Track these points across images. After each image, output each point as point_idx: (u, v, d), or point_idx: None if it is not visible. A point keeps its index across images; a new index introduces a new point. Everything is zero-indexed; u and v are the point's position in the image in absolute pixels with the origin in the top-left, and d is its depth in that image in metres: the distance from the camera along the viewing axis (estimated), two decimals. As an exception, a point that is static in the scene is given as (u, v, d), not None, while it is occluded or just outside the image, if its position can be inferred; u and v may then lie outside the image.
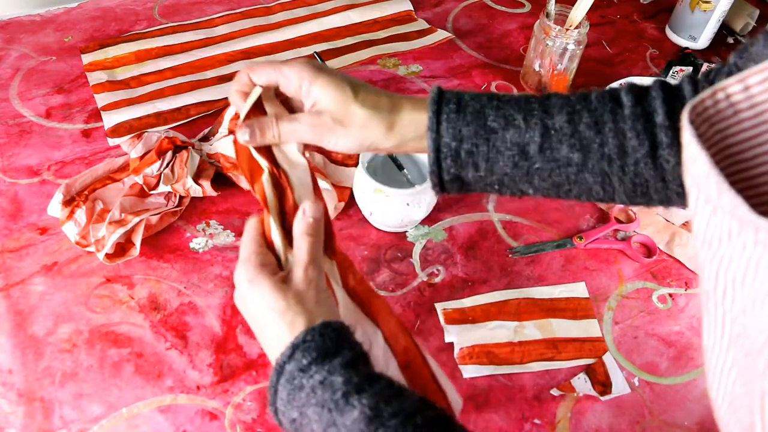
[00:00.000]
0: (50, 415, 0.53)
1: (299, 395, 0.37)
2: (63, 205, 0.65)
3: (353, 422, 0.35)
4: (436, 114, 0.44)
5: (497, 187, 0.45)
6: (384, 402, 0.36)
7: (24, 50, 0.88)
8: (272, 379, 0.39)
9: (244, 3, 1.00)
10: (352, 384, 0.36)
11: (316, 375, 0.37)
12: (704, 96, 0.28)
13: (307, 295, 0.40)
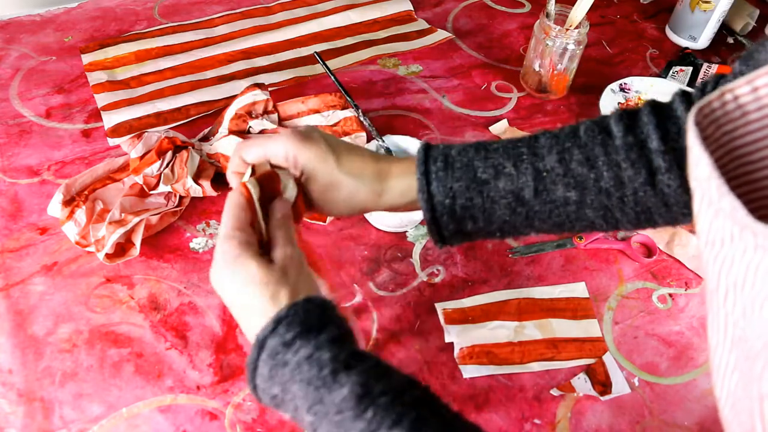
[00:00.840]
0: (50, 415, 0.53)
1: (282, 371, 0.36)
2: (63, 205, 0.65)
3: (342, 400, 0.34)
4: (424, 175, 0.43)
5: (499, 234, 0.45)
6: (374, 379, 0.35)
7: (24, 50, 0.88)
8: (252, 356, 0.38)
9: (244, 3, 1.00)
10: (340, 361, 0.36)
11: (302, 350, 0.36)
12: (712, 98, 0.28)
13: (290, 272, 0.39)
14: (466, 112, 0.85)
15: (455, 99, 0.86)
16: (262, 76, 0.86)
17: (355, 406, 0.34)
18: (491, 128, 0.82)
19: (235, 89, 0.83)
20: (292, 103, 0.78)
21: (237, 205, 0.42)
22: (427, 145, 0.45)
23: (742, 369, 0.26)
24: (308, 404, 0.36)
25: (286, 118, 0.77)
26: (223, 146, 0.70)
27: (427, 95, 0.87)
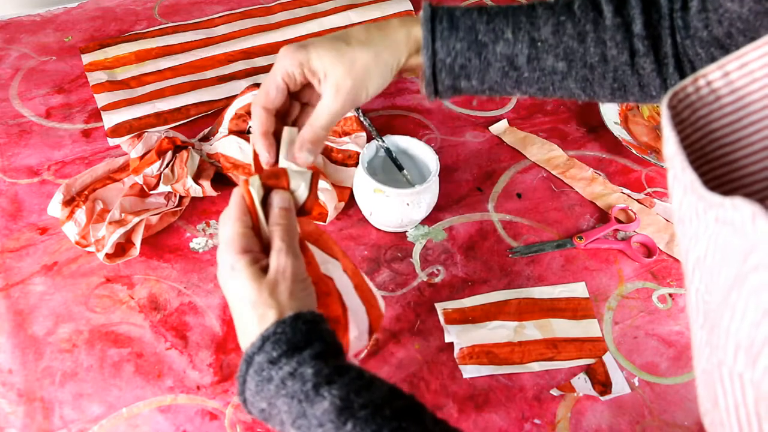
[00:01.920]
0: (50, 415, 0.53)
1: (268, 387, 0.37)
2: (63, 205, 0.65)
3: (323, 413, 0.35)
4: (430, 32, 0.46)
5: (488, 93, 0.49)
6: (354, 393, 0.36)
7: (24, 50, 0.88)
8: (241, 369, 0.39)
9: (244, 3, 1.00)
10: (323, 375, 0.36)
11: (286, 367, 0.37)
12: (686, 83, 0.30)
13: (280, 288, 0.40)
14: (466, 112, 0.85)
15: (455, 99, 0.86)
16: (262, 76, 0.86)
17: (336, 419, 0.35)
18: (491, 128, 0.82)
19: (235, 89, 0.83)
20: (292, 103, 0.78)
21: (239, 207, 0.42)
22: (431, 5, 0.47)
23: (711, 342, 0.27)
24: (292, 418, 0.36)
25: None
26: (223, 146, 0.70)
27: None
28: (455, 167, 0.77)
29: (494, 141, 0.81)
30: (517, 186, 0.76)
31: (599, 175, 0.77)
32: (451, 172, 0.76)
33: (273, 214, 0.42)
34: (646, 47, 0.45)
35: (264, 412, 0.38)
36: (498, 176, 0.76)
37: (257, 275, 0.40)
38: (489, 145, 0.80)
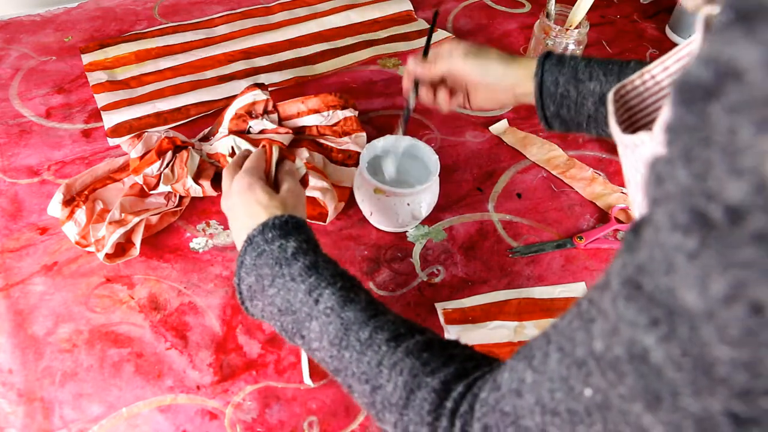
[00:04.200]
0: (50, 415, 0.53)
1: (260, 259, 0.46)
2: (63, 205, 0.65)
3: (296, 270, 0.45)
4: (541, 65, 0.58)
5: (585, 126, 0.59)
6: (322, 260, 0.46)
7: (24, 50, 0.88)
8: (241, 251, 0.48)
9: (244, 3, 1.00)
10: (301, 249, 0.46)
11: (276, 241, 0.46)
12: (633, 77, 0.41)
13: (288, 202, 0.51)
14: (466, 112, 0.84)
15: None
16: (262, 76, 0.86)
17: (304, 273, 0.44)
18: (491, 128, 0.82)
19: (235, 89, 0.83)
20: (292, 103, 0.78)
21: (259, 157, 0.56)
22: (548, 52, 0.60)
23: None
24: (272, 279, 0.45)
25: (286, 117, 0.77)
26: (223, 146, 0.70)
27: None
28: (455, 167, 0.77)
29: (494, 141, 0.81)
30: (517, 186, 0.76)
31: (599, 175, 0.77)
32: (451, 172, 0.76)
33: (283, 170, 0.56)
34: None
35: (251, 289, 0.47)
36: (498, 176, 0.76)
37: (270, 190, 0.52)
38: (489, 145, 0.80)
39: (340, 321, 0.41)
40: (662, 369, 0.22)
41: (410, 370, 0.37)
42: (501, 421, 0.30)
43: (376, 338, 0.40)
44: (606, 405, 0.25)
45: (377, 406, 0.39)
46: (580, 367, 0.26)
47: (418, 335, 0.40)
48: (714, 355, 0.20)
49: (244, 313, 0.61)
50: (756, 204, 0.17)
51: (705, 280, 0.19)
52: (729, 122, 0.18)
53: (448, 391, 0.36)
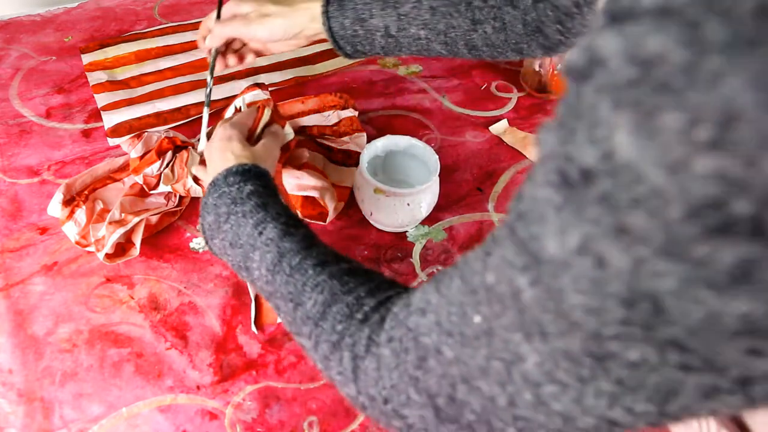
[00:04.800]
0: (50, 415, 0.53)
1: (219, 200, 0.50)
2: (63, 204, 0.65)
3: (248, 207, 0.49)
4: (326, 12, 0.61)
5: (383, 53, 0.63)
6: (272, 201, 0.50)
7: (24, 50, 0.88)
8: (206, 192, 0.52)
9: (244, 3, 1.00)
10: (256, 192, 0.50)
11: (235, 184, 0.50)
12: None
13: (261, 156, 0.56)
14: (466, 112, 0.85)
15: (455, 99, 0.86)
16: (262, 76, 0.86)
17: (253, 210, 0.48)
18: (491, 128, 0.82)
19: (235, 89, 0.83)
20: (292, 103, 0.78)
21: (249, 114, 0.61)
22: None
23: None
24: (227, 216, 0.49)
25: (287, 118, 0.77)
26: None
27: (427, 95, 0.87)
28: (455, 167, 0.77)
29: (494, 141, 0.81)
30: (517, 186, 0.76)
31: (599, 175, 0.77)
32: (451, 172, 0.76)
33: (268, 131, 0.62)
34: (485, 15, 0.58)
35: (210, 227, 0.51)
36: (498, 176, 0.76)
37: (247, 145, 0.56)
38: (489, 145, 0.80)
39: (276, 249, 0.45)
40: (532, 308, 0.24)
41: (330, 288, 0.41)
42: (404, 336, 0.33)
43: (305, 263, 0.43)
44: (490, 332, 0.27)
45: (297, 322, 0.42)
46: (474, 295, 0.28)
47: (343, 263, 0.44)
48: (570, 301, 0.22)
49: (244, 313, 0.61)
50: (603, 169, 0.20)
51: (564, 232, 0.22)
52: (593, 99, 0.20)
53: (360, 304, 0.38)
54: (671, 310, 0.20)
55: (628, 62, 0.19)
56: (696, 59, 0.17)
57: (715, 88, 0.17)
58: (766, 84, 0.17)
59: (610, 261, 0.20)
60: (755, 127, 0.17)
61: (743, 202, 0.17)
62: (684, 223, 0.18)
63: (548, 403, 0.26)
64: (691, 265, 0.19)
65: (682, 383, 0.22)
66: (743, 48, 0.17)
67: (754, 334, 0.20)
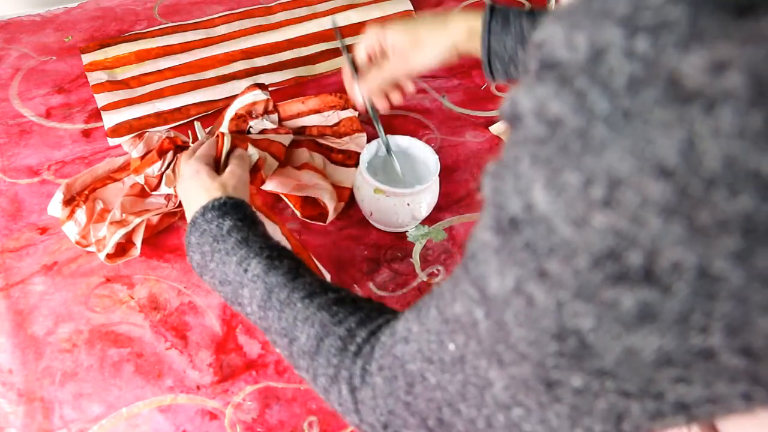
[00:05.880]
0: (50, 415, 0.53)
1: (203, 237, 0.51)
2: (63, 204, 0.65)
3: (230, 244, 0.49)
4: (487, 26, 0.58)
5: None
6: (253, 234, 0.50)
7: (24, 50, 0.88)
8: (187, 231, 0.52)
9: (244, 3, 1.00)
10: (236, 226, 0.50)
11: (214, 221, 0.51)
12: None
13: (229, 183, 0.56)
14: (466, 112, 0.85)
15: (455, 99, 0.86)
16: (262, 76, 0.86)
17: (236, 247, 0.49)
18: (491, 128, 0.82)
19: (235, 89, 0.83)
20: (292, 103, 0.78)
21: (210, 145, 0.62)
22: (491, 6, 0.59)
23: None
24: (211, 254, 0.50)
25: (286, 118, 0.77)
26: (223, 146, 0.70)
27: (427, 95, 0.87)
28: (455, 167, 0.77)
29: (494, 141, 0.81)
30: (517, 186, 0.75)
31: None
32: (451, 172, 0.76)
33: (232, 156, 0.62)
34: None
35: (200, 263, 0.51)
36: (498, 176, 0.76)
37: (213, 174, 0.57)
38: (489, 145, 0.80)
39: (264, 285, 0.46)
40: (488, 339, 0.26)
41: (320, 321, 0.42)
42: (393, 364, 0.34)
43: (293, 297, 0.44)
44: (463, 359, 0.29)
45: (294, 356, 0.43)
46: (447, 324, 0.30)
47: (331, 293, 0.45)
48: (514, 334, 0.24)
49: (244, 313, 0.61)
50: (526, 219, 0.21)
51: (501, 273, 0.24)
52: (517, 152, 0.22)
53: (352, 336, 0.39)
54: (595, 345, 0.22)
55: (538, 121, 0.21)
56: (586, 126, 0.19)
57: (602, 153, 0.19)
58: (641, 153, 0.18)
59: (538, 301, 0.22)
60: (635, 190, 0.18)
61: (634, 254, 0.19)
62: (590, 271, 0.20)
63: (519, 424, 0.27)
64: (602, 307, 0.21)
65: (628, 408, 0.24)
66: (621, 118, 0.18)
67: (673, 365, 0.21)
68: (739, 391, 0.22)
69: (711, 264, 0.18)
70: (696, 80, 0.17)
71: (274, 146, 0.70)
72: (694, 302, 0.19)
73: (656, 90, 0.18)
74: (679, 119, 0.17)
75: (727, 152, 0.17)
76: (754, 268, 0.18)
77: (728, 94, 0.17)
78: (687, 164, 0.17)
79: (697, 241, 0.18)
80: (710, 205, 0.18)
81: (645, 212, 0.18)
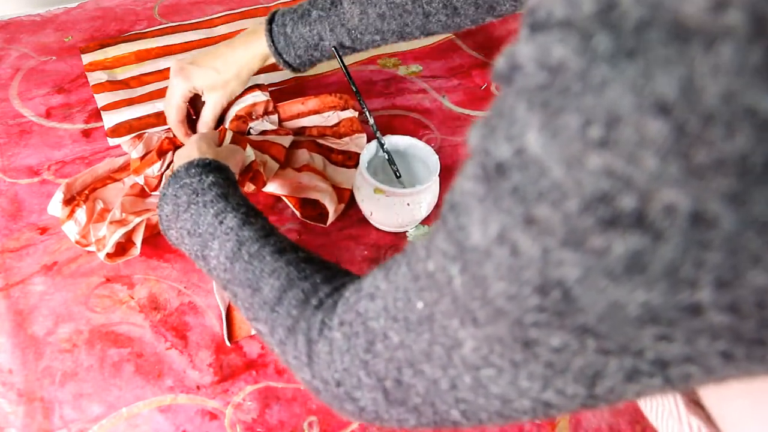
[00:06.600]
0: (50, 415, 0.53)
1: (180, 190, 0.52)
2: (63, 204, 0.65)
3: (209, 197, 0.50)
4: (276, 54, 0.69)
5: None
6: (233, 192, 0.52)
7: (24, 50, 0.88)
8: (164, 183, 0.53)
9: (244, 3, 1.00)
10: (218, 183, 0.52)
11: (196, 176, 0.52)
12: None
13: (221, 153, 0.59)
14: (466, 112, 0.85)
15: (455, 99, 0.86)
16: (262, 77, 0.86)
17: (214, 200, 0.50)
18: (491, 128, 0.82)
19: (235, 89, 0.83)
20: (292, 104, 0.78)
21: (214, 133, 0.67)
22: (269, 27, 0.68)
23: None
24: (187, 205, 0.50)
25: (286, 118, 0.77)
26: (223, 146, 0.71)
27: (427, 95, 0.87)
28: (455, 167, 0.77)
29: (494, 141, 0.81)
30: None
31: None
32: (451, 172, 0.76)
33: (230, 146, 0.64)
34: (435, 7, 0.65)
35: (168, 218, 0.52)
36: (498, 176, 0.76)
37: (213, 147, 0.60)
38: (489, 145, 0.80)
39: (236, 238, 0.47)
40: (463, 296, 0.26)
41: (287, 275, 0.42)
42: (355, 320, 0.34)
43: (263, 251, 0.45)
44: (431, 318, 0.28)
45: (254, 307, 0.43)
46: (417, 282, 0.29)
47: (301, 252, 0.45)
48: (493, 288, 0.24)
49: (244, 313, 0.61)
50: (515, 163, 0.21)
51: (485, 222, 0.23)
52: (513, 101, 0.22)
53: (316, 290, 0.40)
54: (579, 298, 0.21)
55: (539, 68, 0.21)
56: (588, 67, 0.19)
57: (602, 92, 0.19)
58: (642, 89, 0.18)
59: (522, 250, 0.22)
60: (633, 128, 0.18)
61: (628, 196, 0.19)
62: (580, 216, 0.20)
63: (487, 386, 0.27)
64: (590, 255, 0.20)
65: (605, 366, 0.23)
66: (624, 57, 0.18)
67: (657, 322, 0.21)
68: (719, 349, 0.21)
69: (705, 207, 0.18)
70: (698, 19, 0.17)
71: (275, 148, 0.70)
72: (685, 251, 0.19)
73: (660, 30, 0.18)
74: (680, 56, 0.17)
75: (726, 88, 0.17)
76: (748, 213, 0.18)
77: (728, 31, 0.17)
78: (686, 100, 0.17)
79: (692, 183, 0.18)
80: (707, 143, 0.17)
81: (642, 151, 0.18)
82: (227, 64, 0.68)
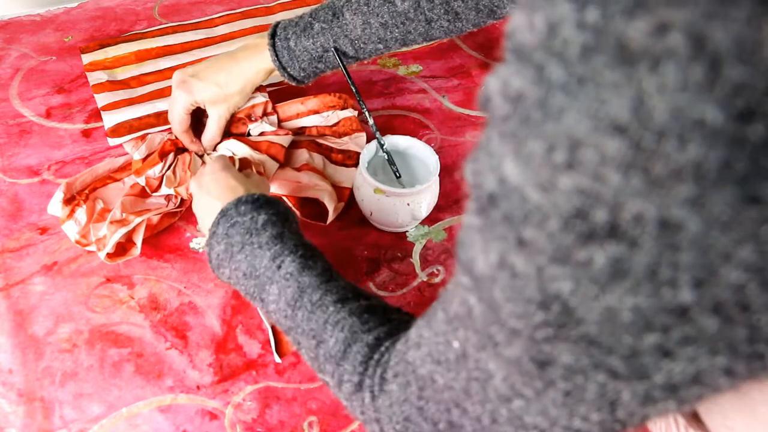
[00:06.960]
0: (50, 415, 0.53)
1: (232, 229, 0.50)
2: (63, 203, 0.65)
3: (264, 238, 0.49)
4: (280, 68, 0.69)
5: None
6: (288, 231, 0.50)
7: (24, 50, 0.88)
8: (214, 222, 0.52)
9: (244, 3, 1.00)
10: (271, 221, 0.50)
11: (248, 214, 0.50)
12: None
13: (259, 185, 0.58)
14: (466, 112, 0.85)
15: (455, 99, 0.86)
16: (262, 76, 0.86)
17: (270, 242, 0.49)
18: (491, 128, 0.82)
19: (235, 89, 0.83)
20: (291, 104, 0.78)
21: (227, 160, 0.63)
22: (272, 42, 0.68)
23: None
24: (241, 246, 0.49)
25: (286, 119, 0.77)
26: (223, 149, 0.71)
27: (427, 95, 0.87)
28: (455, 167, 0.77)
29: (494, 141, 0.81)
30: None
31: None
32: (451, 172, 0.76)
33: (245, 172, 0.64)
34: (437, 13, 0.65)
35: (219, 257, 0.51)
36: (498, 176, 0.76)
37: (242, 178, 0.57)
38: (489, 145, 0.80)
39: (297, 284, 0.46)
40: (483, 324, 0.27)
41: (350, 327, 0.42)
42: (406, 369, 0.35)
43: (326, 300, 0.44)
44: (465, 354, 0.29)
45: (320, 359, 0.43)
46: (450, 323, 0.30)
47: (363, 300, 0.45)
48: (504, 309, 0.25)
49: (244, 313, 0.61)
50: (501, 192, 0.23)
51: (486, 250, 0.24)
52: (488, 132, 0.23)
53: (379, 345, 0.40)
54: (576, 308, 0.23)
55: (504, 99, 0.22)
56: (545, 96, 0.20)
57: (561, 119, 0.20)
58: (596, 113, 0.19)
59: (519, 270, 0.23)
60: (594, 149, 0.20)
61: (599, 210, 0.20)
62: (562, 233, 0.21)
63: (521, 416, 0.28)
64: (577, 267, 0.22)
65: (619, 393, 0.25)
66: (576, 84, 0.20)
67: (651, 328, 0.22)
68: (721, 366, 0.22)
69: (670, 213, 0.19)
70: (641, 43, 0.18)
71: (274, 148, 0.70)
72: (659, 254, 0.20)
73: (606, 55, 0.19)
74: (628, 79, 0.19)
75: (674, 105, 0.18)
76: (709, 214, 0.19)
77: (671, 52, 0.18)
78: (638, 120, 0.19)
79: (654, 192, 0.19)
80: (663, 156, 0.19)
81: (605, 169, 0.20)
82: (230, 78, 0.67)
